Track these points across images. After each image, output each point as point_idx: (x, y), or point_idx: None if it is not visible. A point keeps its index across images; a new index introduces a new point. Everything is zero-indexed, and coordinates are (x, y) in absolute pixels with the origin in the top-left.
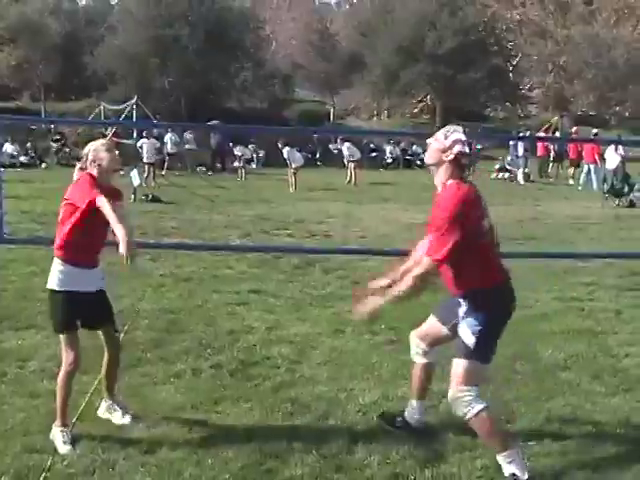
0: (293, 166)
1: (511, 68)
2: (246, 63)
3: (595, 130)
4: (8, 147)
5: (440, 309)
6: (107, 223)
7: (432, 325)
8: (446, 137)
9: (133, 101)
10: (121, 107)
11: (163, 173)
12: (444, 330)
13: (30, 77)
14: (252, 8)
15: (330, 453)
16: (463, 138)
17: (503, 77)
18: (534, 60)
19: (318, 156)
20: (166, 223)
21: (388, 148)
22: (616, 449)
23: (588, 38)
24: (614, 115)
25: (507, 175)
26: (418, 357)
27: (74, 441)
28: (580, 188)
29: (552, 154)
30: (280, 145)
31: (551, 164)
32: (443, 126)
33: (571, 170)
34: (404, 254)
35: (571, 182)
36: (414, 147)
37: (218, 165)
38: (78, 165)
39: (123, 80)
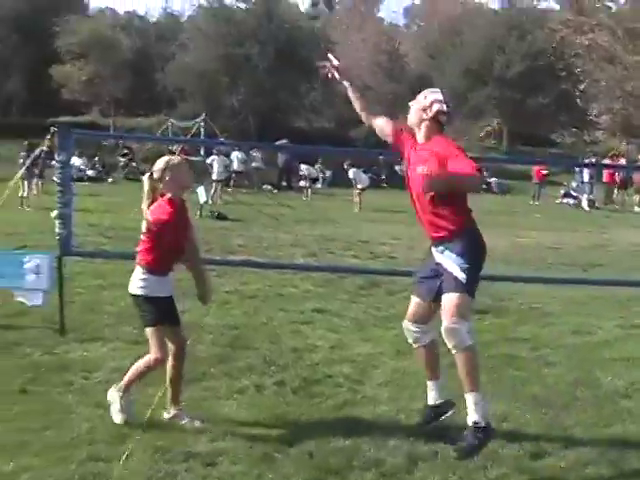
0: (359, 187)
1: (579, 93)
2: (315, 83)
3: None
4: (76, 160)
5: (417, 289)
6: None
7: (416, 305)
8: (425, 97)
9: (201, 118)
10: (189, 124)
11: (230, 190)
12: (426, 305)
13: (100, 92)
14: (322, 28)
15: (389, 472)
16: (440, 97)
17: (571, 102)
18: (602, 86)
19: (383, 177)
20: (232, 240)
21: None
22: None
23: None
24: None
25: (572, 201)
26: (417, 342)
27: (129, 413)
28: None
29: (617, 181)
30: (346, 166)
31: (616, 191)
32: (510, 151)
33: (637, 197)
34: None
35: (637, 209)
36: None
37: (284, 184)
38: (146, 178)
39: (192, 97)
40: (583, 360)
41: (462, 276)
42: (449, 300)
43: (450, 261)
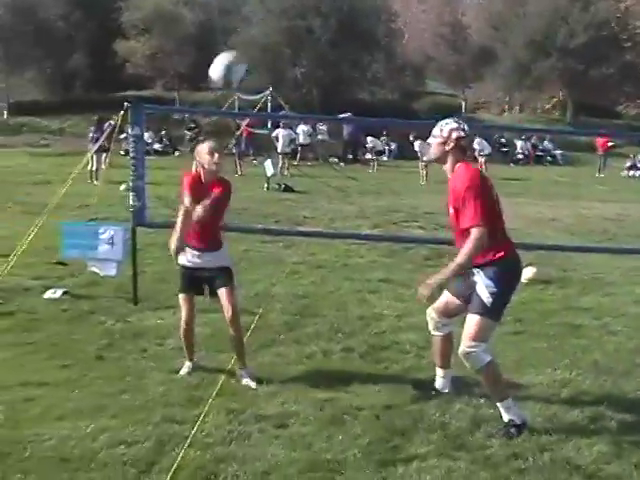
0: (424, 159)
1: None
2: (378, 55)
3: None
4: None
5: (454, 285)
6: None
7: (447, 299)
8: (441, 130)
9: (268, 92)
10: (256, 97)
11: (295, 163)
12: (458, 302)
13: (164, 66)
14: (384, 0)
15: (453, 434)
16: (455, 125)
17: (636, 73)
18: None
19: None
20: (299, 212)
21: (519, 143)
22: None
23: None
24: None
25: (638, 173)
26: (437, 330)
27: (192, 372)
28: None
29: None
30: (412, 138)
31: None
32: (575, 122)
33: None
34: (531, 248)
35: None
36: (545, 143)
37: (350, 156)
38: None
39: (256, 70)
40: None
41: (489, 300)
42: (471, 321)
43: (481, 281)
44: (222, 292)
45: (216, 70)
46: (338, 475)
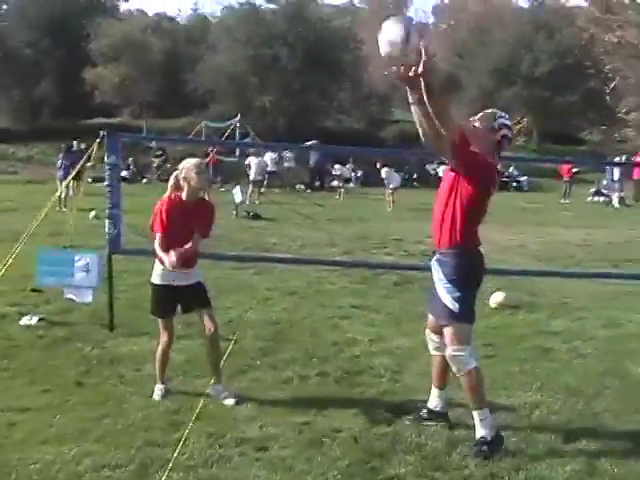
0: (391, 186)
1: (608, 91)
2: (344, 83)
3: None
4: None
5: (429, 304)
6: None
7: (432, 319)
8: (495, 119)
9: (236, 119)
10: (223, 125)
11: (262, 191)
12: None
13: (132, 94)
14: (350, 28)
15: (430, 454)
16: (508, 122)
17: (599, 100)
18: (631, 83)
19: (415, 177)
20: (268, 239)
21: None
22: None
23: None
24: None
25: (602, 199)
26: (437, 351)
27: (166, 395)
28: None
29: None
30: (379, 166)
31: None
32: (540, 149)
33: None
34: (499, 273)
35: None
36: (510, 169)
37: (317, 184)
38: (172, 179)
39: (223, 98)
40: (613, 352)
41: (455, 307)
42: (447, 331)
43: (441, 286)
44: (204, 311)
45: (392, 31)
46: None
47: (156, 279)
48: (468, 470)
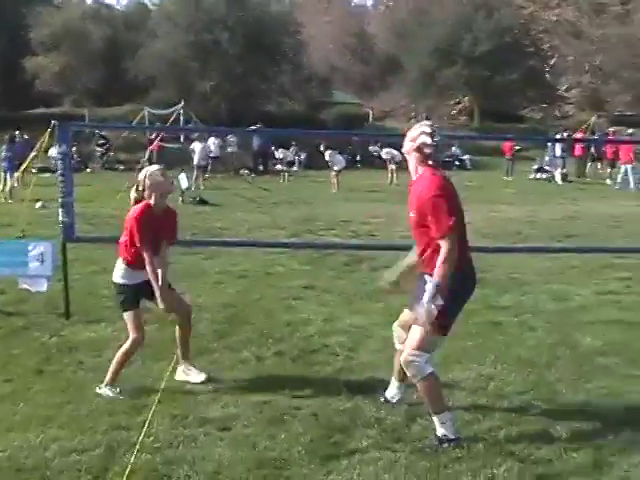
0: (335, 169)
1: (547, 69)
2: (284, 67)
3: (630, 130)
4: (53, 151)
5: (410, 302)
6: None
7: (407, 314)
8: (416, 129)
9: (180, 106)
10: (167, 112)
11: (207, 176)
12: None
13: (73, 83)
14: (289, 12)
15: (390, 428)
16: (428, 130)
17: (539, 78)
18: (570, 61)
19: (358, 158)
20: (214, 224)
21: None
22: None
23: (624, 38)
24: None
25: (545, 175)
26: (400, 345)
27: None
28: (617, 187)
29: (589, 154)
30: (322, 148)
31: (589, 164)
32: (482, 128)
33: (608, 170)
34: None
35: (608, 182)
36: (453, 149)
37: (260, 168)
38: (133, 191)
39: (164, 84)
40: (562, 324)
41: (433, 315)
42: (415, 332)
43: (428, 292)
44: (175, 294)
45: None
46: (285, 471)
47: (120, 279)
48: (428, 441)
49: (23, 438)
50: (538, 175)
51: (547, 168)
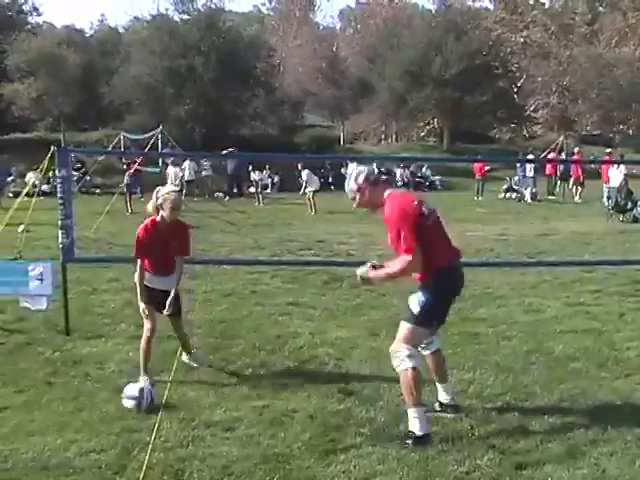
0: (310, 189)
1: (516, 90)
2: (257, 90)
3: (608, 150)
4: (32, 176)
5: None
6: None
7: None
8: (356, 181)
9: (158, 130)
10: (144, 137)
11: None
12: None
13: (49, 108)
14: (262, 36)
15: (381, 426)
16: (360, 169)
17: (508, 99)
18: (538, 81)
19: (330, 180)
20: (195, 246)
21: (398, 171)
22: (618, 421)
23: (591, 58)
24: (618, 134)
25: (514, 195)
26: (424, 350)
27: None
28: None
29: (559, 174)
30: (300, 167)
31: (558, 183)
32: (451, 149)
33: (574, 189)
34: None
35: (577, 200)
36: (423, 170)
37: (235, 191)
38: (149, 205)
39: (139, 109)
40: (536, 333)
41: (417, 309)
42: (401, 327)
43: (414, 296)
44: (175, 318)
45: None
46: (288, 465)
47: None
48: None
49: (43, 441)
50: (508, 195)
51: (516, 187)
